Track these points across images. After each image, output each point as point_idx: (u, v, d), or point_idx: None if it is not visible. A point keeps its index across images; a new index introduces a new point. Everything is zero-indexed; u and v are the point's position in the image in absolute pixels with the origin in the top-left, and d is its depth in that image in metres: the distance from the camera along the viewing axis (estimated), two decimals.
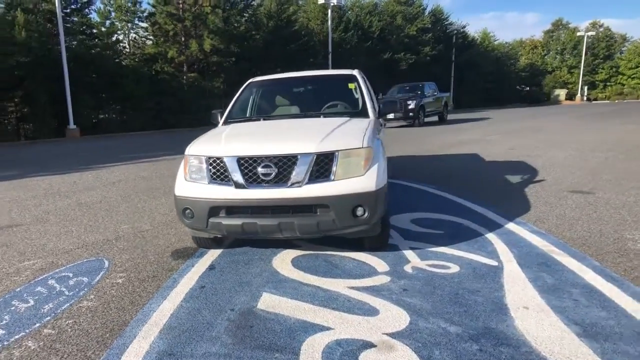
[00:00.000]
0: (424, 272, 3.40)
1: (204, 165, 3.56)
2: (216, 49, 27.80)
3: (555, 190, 5.92)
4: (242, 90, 5.26)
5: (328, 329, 2.59)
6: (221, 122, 4.80)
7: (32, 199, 6.85)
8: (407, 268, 3.49)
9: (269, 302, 3.00)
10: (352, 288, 3.16)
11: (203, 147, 3.72)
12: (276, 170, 3.36)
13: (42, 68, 21.08)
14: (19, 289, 3.42)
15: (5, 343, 2.59)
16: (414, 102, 19.61)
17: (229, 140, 3.81)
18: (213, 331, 2.62)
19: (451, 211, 5.06)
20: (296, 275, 3.45)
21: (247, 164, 3.42)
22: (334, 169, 3.35)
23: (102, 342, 2.56)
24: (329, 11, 34.04)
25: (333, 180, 3.34)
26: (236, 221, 3.40)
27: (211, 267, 3.71)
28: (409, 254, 3.79)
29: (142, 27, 30.23)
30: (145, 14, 28.41)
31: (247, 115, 4.88)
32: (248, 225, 3.38)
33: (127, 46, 28.17)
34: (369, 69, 35.34)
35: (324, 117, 4.43)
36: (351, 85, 4.75)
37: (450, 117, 24.68)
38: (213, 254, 4.00)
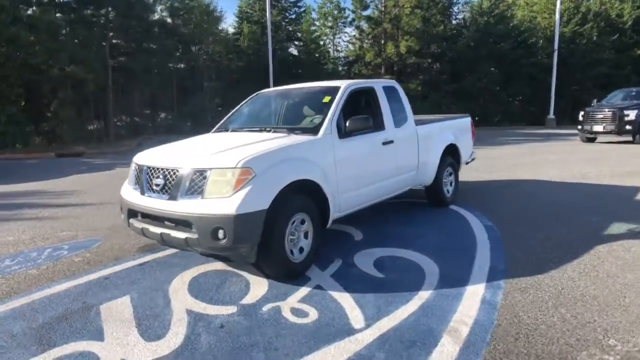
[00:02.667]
0: (275, 314, 3.16)
1: (133, 170, 4.13)
2: (413, 50, 28.03)
3: None
4: (246, 101, 5.60)
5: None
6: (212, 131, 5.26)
7: None
8: (267, 307, 3.29)
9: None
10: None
11: (139, 154, 4.29)
12: (163, 182, 3.67)
13: (251, 71, 25.42)
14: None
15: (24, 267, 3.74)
16: (635, 112, 15.71)
17: (158, 149, 4.27)
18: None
19: None
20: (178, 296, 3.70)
21: (149, 173, 3.82)
22: (205, 187, 3.43)
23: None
24: (558, 1, 29.90)
25: (202, 198, 3.43)
26: (140, 225, 3.85)
27: (142, 264, 4.25)
28: (301, 292, 3.52)
29: (345, 32, 32.95)
30: (349, 19, 30.80)
31: (226, 126, 5.19)
32: (146, 231, 3.78)
33: (331, 51, 31.06)
34: (616, 67, 29.73)
35: (274, 131, 4.41)
36: (325, 99, 4.53)
37: None
38: (164, 253, 4.52)
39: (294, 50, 30.35)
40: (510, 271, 3.79)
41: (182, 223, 3.47)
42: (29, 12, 18.43)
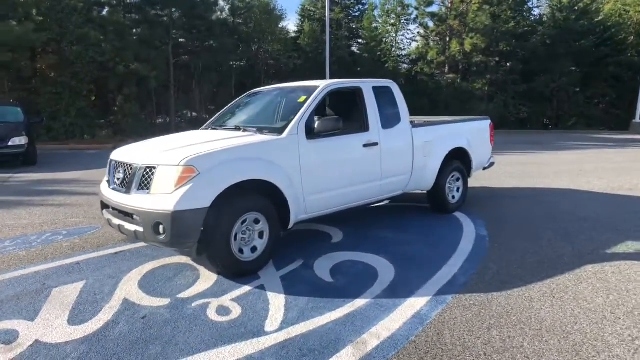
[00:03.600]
0: (199, 310, 3.24)
1: (108, 164, 4.41)
2: (479, 48, 26.86)
3: None
4: (238, 99, 5.72)
5: None
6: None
7: None
8: (197, 302, 3.38)
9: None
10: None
11: (118, 149, 4.55)
12: (122, 176, 3.89)
13: (309, 70, 25.72)
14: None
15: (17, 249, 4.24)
16: None
17: (135, 144, 4.50)
18: None
19: None
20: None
21: (115, 167, 4.08)
22: (152, 182, 3.60)
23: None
24: None
25: (148, 193, 3.60)
26: (107, 216, 4.12)
27: (116, 253, 4.53)
28: (240, 290, 3.57)
29: (408, 30, 32.25)
30: (412, 16, 30.12)
31: (212, 124, 5.31)
32: (110, 222, 4.03)
33: (393, 48, 30.56)
34: None
35: (244, 130, 4.47)
36: (301, 99, 4.52)
37: None
38: (143, 244, 4.78)
39: (355, 48, 30.28)
40: (469, 286, 3.58)
41: (131, 216, 3.66)
42: (102, 13, 20.03)
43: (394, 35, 30.96)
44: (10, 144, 10.28)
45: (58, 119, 18.09)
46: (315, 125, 4.22)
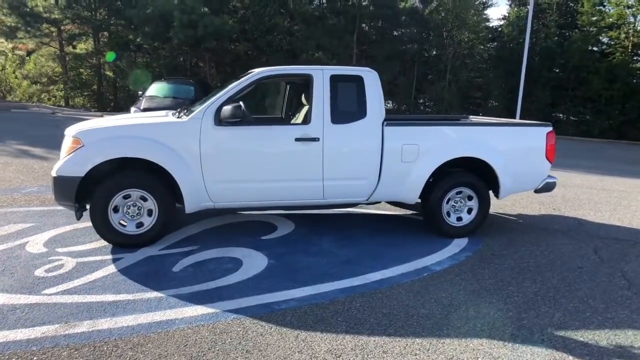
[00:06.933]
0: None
1: None
2: None
3: None
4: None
5: None
6: None
7: None
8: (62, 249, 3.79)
9: None
10: None
11: None
12: None
13: (505, 60, 23.14)
14: None
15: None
16: None
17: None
18: None
19: None
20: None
21: None
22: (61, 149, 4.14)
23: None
24: None
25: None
26: None
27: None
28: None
29: None
30: None
31: None
32: None
33: (629, 37, 24.64)
34: None
35: (175, 113, 4.57)
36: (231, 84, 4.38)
37: None
38: None
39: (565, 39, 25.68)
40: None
41: None
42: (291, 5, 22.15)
43: (633, 19, 24.90)
44: None
45: None
46: (220, 112, 4.09)
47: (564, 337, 2.89)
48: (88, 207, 3.98)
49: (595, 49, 24.17)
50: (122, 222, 4.03)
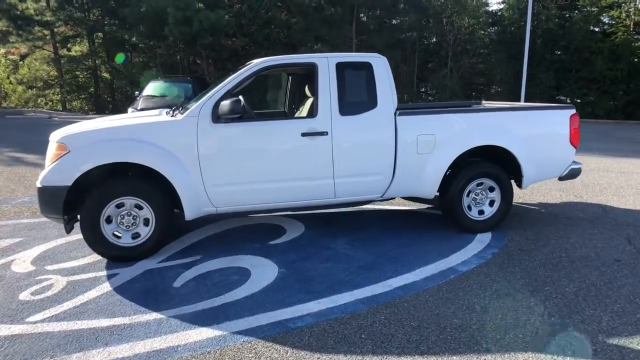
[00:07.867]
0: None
1: None
2: None
3: None
4: None
5: None
6: None
7: None
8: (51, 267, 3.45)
9: None
10: None
11: None
12: None
13: (506, 45, 22.63)
14: None
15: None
16: None
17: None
18: None
19: None
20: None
21: None
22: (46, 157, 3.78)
23: None
24: None
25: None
26: None
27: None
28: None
29: None
30: None
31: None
32: None
33: (629, 15, 24.09)
34: None
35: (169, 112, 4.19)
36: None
37: None
38: None
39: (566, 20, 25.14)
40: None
41: None
42: None
43: None
44: None
45: None
46: (219, 107, 3.71)
47: (618, 346, 2.53)
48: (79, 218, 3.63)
49: (597, 29, 23.61)
50: (116, 233, 3.67)
